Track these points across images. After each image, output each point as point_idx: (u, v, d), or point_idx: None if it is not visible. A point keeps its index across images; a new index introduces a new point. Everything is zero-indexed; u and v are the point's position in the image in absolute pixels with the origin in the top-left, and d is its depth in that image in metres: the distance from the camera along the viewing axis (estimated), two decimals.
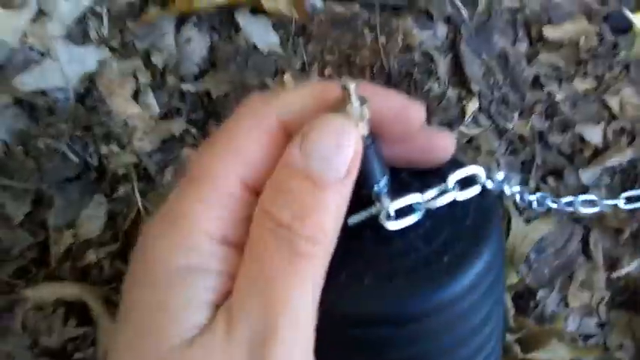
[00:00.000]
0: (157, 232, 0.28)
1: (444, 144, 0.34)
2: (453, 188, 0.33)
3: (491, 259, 0.32)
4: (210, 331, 0.26)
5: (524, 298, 0.56)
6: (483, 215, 0.34)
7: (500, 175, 0.37)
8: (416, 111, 0.31)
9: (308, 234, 0.26)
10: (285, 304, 0.26)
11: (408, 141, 0.34)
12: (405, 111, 0.31)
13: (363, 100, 0.29)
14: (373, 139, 0.31)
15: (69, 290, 0.53)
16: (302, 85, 0.31)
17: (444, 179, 0.33)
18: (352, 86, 0.28)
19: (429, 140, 0.33)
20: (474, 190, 0.34)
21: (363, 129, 0.30)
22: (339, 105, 0.29)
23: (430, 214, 0.33)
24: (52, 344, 0.53)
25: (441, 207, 0.34)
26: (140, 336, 0.27)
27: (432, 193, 0.33)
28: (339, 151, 0.27)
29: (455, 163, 0.36)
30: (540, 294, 0.56)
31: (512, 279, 0.54)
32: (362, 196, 0.32)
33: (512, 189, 0.39)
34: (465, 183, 0.35)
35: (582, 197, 0.52)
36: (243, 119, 0.30)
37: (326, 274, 0.30)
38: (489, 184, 0.35)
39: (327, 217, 0.27)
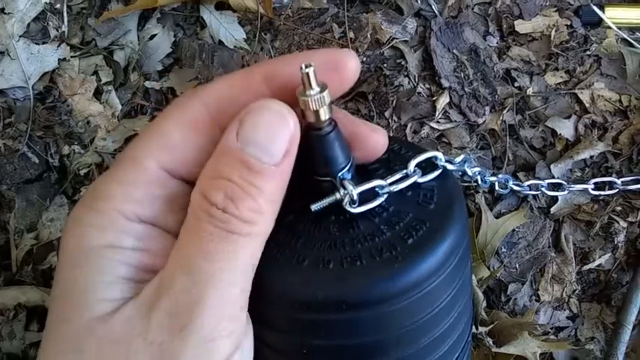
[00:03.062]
0: (77, 214, 0.30)
1: (374, 139, 0.35)
2: (415, 172, 0.36)
3: (455, 242, 0.34)
4: (134, 303, 0.28)
5: (495, 293, 0.58)
6: (447, 200, 0.36)
7: (459, 158, 0.39)
8: (346, 56, 0.32)
9: (242, 216, 0.28)
10: (214, 279, 0.28)
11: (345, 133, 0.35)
12: (334, 57, 0.32)
13: (323, 86, 0.30)
14: (335, 124, 0.32)
15: (30, 295, 0.54)
16: (229, 74, 0.33)
17: (406, 165, 0.36)
18: (311, 70, 0.29)
19: (359, 133, 0.35)
20: (434, 173, 0.37)
21: (325, 114, 0.31)
22: (300, 90, 0.30)
23: (395, 199, 0.35)
24: (13, 349, 0.54)
25: (406, 193, 0.36)
26: (61, 312, 0.29)
27: (394, 177, 0.35)
28: (275, 137, 0.29)
29: (418, 151, 0.38)
30: (512, 288, 0.58)
31: (484, 273, 0.56)
32: (324, 182, 0.34)
33: (472, 170, 0.43)
34: (428, 169, 0.37)
35: (549, 180, 0.56)
36: (169, 110, 0.32)
37: (290, 260, 0.32)
38: (449, 167, 0.38)
39: (262, 200, 0.29)
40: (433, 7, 0.63)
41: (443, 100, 0.61)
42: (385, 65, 0.61)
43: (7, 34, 0.61)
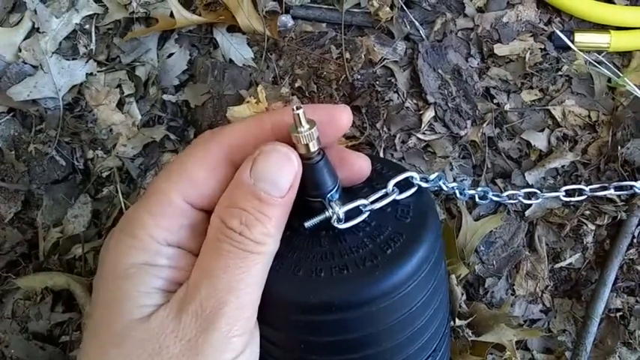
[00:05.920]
0: (116, 238, 0.35)
1: (359, 164, 0.41)
2: (393, 191, 0.41)
3: (428, 251, 0.38)
4: (165, 308, 0.33)
5: (474, 286, 0.62)
6: (422, 214, 0.41)
7: (433, 175, 0.43)
8: (341, 111, 0.38)
9: (255, 238, 0.34)
10: (233, 287, 0.33)
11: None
12: (332, 112, 0.38)
13: (311, 123, 0.35)
14: (323, 154, 0.37)
15: (56, 279, 0.58)
16: (242, 119, 0.38)
17: (386, 184, 0.41)
18: (301, 112, 0.34)
19: (346, 160, 0.40)
20: (410, 191, 0.42)
21: (314, 146, 0.36)
22: (292, 127, 0.35)
23: (376, 215, 0.40)
24: (40, 329, 0.58)
25: (386, 209, 0.41)
26: (104, 315, 0.34)
27: (375, 196, 0.40)
28: (282, 174, 0.35)
29: (397, 170, 0.43)
30: (489, 282, 0.62)
31: (463, 271, 0.60)
32: (316, 202, 0.39)
33: (448, 185, 0.48)
34: (406, 186, 0.42)
35: (525, 190, 0.61)
36: (191, 149, 0.37)
37: (288, 270, 0.37)
38: (424, 184, 0.42)
39: (270, 225, 0.34)
40: (421, 31, 0.68)
41: (428, 114, 0.66)
42: (377, 82, 0.66)
43: (41, 51, 0.66)
